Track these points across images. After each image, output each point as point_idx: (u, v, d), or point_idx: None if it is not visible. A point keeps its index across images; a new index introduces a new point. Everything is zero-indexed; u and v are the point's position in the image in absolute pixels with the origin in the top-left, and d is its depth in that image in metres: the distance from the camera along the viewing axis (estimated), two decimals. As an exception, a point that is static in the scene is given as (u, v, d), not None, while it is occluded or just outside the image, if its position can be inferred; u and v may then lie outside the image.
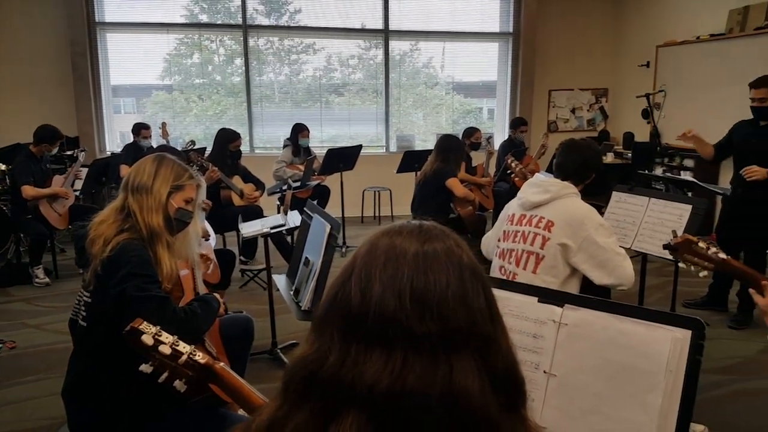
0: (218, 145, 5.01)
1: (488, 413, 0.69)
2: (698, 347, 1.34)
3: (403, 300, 0.70)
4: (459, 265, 0.75)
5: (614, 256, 2.44)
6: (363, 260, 0.76)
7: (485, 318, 0.74)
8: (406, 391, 0.67)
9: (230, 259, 3.76)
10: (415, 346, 0.69)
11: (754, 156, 3.86)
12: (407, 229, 0.79)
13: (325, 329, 0.75)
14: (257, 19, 7.44)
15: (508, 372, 0.74)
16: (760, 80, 3.88)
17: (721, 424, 2.84)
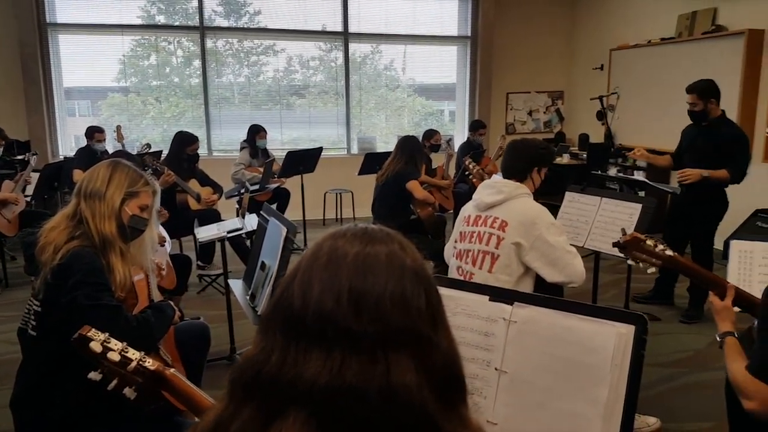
0: (174, 148, 4.93)
1: (426, 409, 0.71)
2: (641, 342, 1.39)
3: (341, 301, 0.72)
4: (400, 268, 0.77)
5: (565, 254, 2.50)
6: (307, 262, 0.78)
7: (425, 319, 0.75)
8: (344, 387, 0.69)
9: (186, 264, 3.71)
10: (353, 345, 0.71)
11: (699, 156, 4.01)
12: (352, 232, 0.81)
13: (269, 330, 0.76)
14: (216, 20, 7.36)
15: (447, 370, 0.76)
16: (690, 86, 4.03)
17: (673, 416, 2.93)
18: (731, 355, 1.67)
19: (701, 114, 4.00)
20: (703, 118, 4.01)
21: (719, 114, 4.02)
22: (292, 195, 6.07)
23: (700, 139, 4.05)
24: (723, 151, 3.93)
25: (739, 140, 3.98)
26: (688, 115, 4.10)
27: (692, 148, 4.10)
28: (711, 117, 3.99)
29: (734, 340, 1.72)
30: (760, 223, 5.20)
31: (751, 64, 5.60)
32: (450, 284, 1.77)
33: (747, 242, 2.46)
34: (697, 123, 4.08)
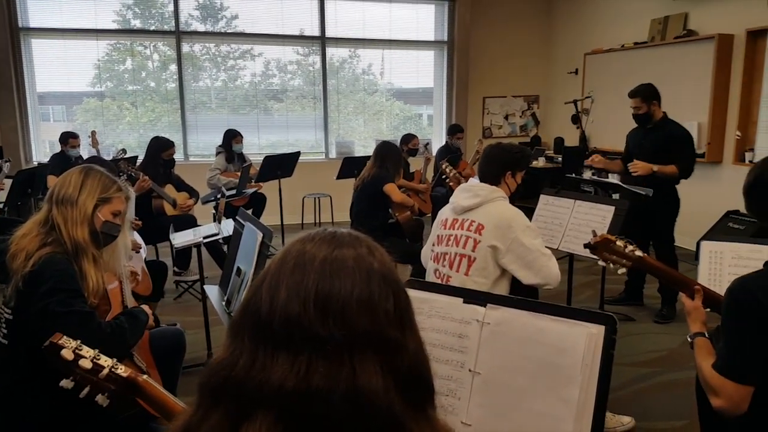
0: (150, 153, 4.89)
1: (392, 411, 0.72)
2: (611, 342, 1.41)
3: (307, 305, 0.73)
4: (368, 272, 0.77)
5: (540, 256, 2.53)
6: (275, 267, 0.79)
7: (392, 322, 0.76)
8: (311, 391, 0.70)
9: (162, 270, 3.68)
10: (320, 349, 0.72)
11: (647, 156, 4.16)
12: (320, 237, 0.82)
13: (237, 334, 0.77)
14: (193, 24, 7.32)
15: (414, 373, 0.77)
16: (633, 91, 4.22)
17: (647, 415, 2.97)
18: (701, 354, 1.70)
19: (645, 117, 4.19)
20: (648, 120, 4.20)
21: (661, 115, 4.21)
22: (269, 200, 6.04)
23: (647, 141, 4.23)
24: (670, 150, 4.10)
25: (685, 138, 4.16)
26: (633, 119, 4.28)
27: (640, 149, 4.26)
28: (655, 119, 4.19)
29: (704, 340, 1.75)
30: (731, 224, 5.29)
31: (721, 68, 5.72)
32: (424, 287, 1.78)
33: (717, 243, 2.50)
34: (642, 126, 4.27)
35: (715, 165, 5.95)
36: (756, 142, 5.54)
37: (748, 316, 1.52)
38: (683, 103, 6.08)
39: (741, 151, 5.67)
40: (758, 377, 1.53)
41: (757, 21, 5.40)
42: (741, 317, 1.54)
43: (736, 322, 1.56)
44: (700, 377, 1.67)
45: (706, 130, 5.90)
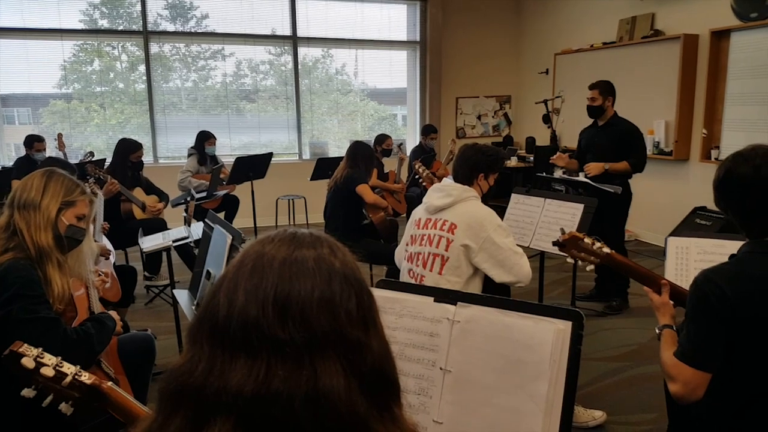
0: (118, 156, 4.81)
1: (356, 413, 0.71)
2: (578, 337, 1.42)
3: (266, 308, 0.72)
4: (329, 272, 0.76)
5: (512, 255, 2.55)
6: (233, 269, 0.78)
7: (355, 322, 0.75)
8: (270, 394, 0.69)
9: (131, 275, 3.62)
10: (279, 352, 0.71)
11: (598, 154, 4.30)
12: (279, 237, 0.80)
13: (196, 340, 0.75)
14: (162, 24, 7.22)
15: (378, 372, 0.76)
16: (593, 83, 4.36)
17: (619, 408, 3.02)
18: (665, 344, 1.74)
19: (599, 109, 4.32)
20: (600, 113, 4.33)
21: (613, 113, 4.34)
22: (242, 202, 5.99)
23: (600, 138, 4.36)
24: (622, 146, 4.24)
25: (635, 134, 4.29)
26: (587, 110, 4.40)
27: (593, 146, 4.40)
28: (607, 115, 4.33)
29: (671, 331, 1.79)
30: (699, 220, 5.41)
31: (687, 68, 5.84)
32: (395, 287, 1.78)
33: (683, 238, 2.55)
34: (594, 122, 4.40)
35: (682, 162, 6.07)
36: (721, 139, 5.66)
37: (711, 305, 1.55)
38: (651, 101, 6.20)
39: (707, 148, 5.79)
40: (716, 365, 1.56)
41: (721, 21, 5.52)
42: (704, 306, 1.57)
43: (698, 311, 1.59)
44: (661, 364, 1.70)
45: (674, 129, 6.01)
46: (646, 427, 2.87)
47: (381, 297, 1.76)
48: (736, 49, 5.44)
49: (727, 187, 1.64)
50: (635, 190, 4.42)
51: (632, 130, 4.29)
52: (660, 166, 6.25)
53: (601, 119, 4.37)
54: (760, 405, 1.58)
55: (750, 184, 1.58)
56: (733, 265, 1.62)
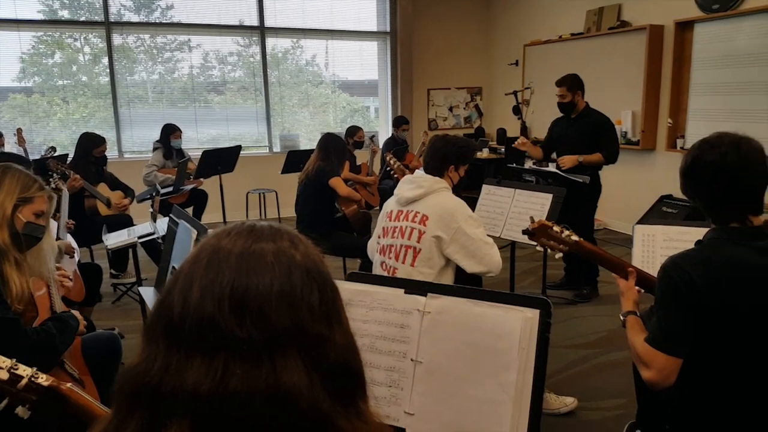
0: (80, 151, 4.69)
1: (319, 409, 0.69)
2: (546, 325, 1.43)
3: (222, 305, 0.69)
4: (289, 266, 0.74)
5: (483, 245, 2.56)
6: (188, 265, 0.75)
7: (317, 317, 0.73)
8: (228, 394, 0.66)
9: (96, 273, 3.52)
10: (236, 350, 0.68)
11: (570, 146, 4.35)
12: (237, 230, 0.77)
13: (152, 338, 0.72)
14: (125, 15, 7.05)
15: (342, 367, 0.74)
16: (560, 80, 4.39)
17: (590, 394, 3.06)
18: (633, 331, 1.75)
19: (569, 105, 4.36)
20: (571, 109, 4.36)
21: (584, 105, 4.38)
22: (211, 196, 5.90)
23: (572, 130, 4.39)
24: (594, 138, 4.29)
25: (607, 126, 4.34)
26: (558, 107, 4.43)
27: (565, 139, 4.44)
28: (578, 108, 4.36)
29: (636, 318, 1.81)
30: (665, 208, 5.52)
31: (652, 58, 5.92)
32: (366, 279, 1.77)
33: (649, 226, 2.59)
34: (567, 115, 4.44)
35: (649, 152, 6.16)
36: (687, 129, 5.75)
37: (679, 291, 1.57)
38: (618, 92, 6.28)
39: (673, 138, 5.89)
40: (687, 350, 1.58)
41: (685, 13, 5.60)
42: (672, 292, 1.59)
43: (667, 297, 1.61)
44: (632, 352, 1.72)
45: (640, 119, 6.10)
46: (616, 412, 2.90)
47: (352, 290, 1.75)
48: (700, 39, 5.54)
49: (695, 174, 1.66)
50: (604, 179, 4.47)
51: (604, 123, 4.33)
52: (627, 155, 6.33)
53: (573, 113, 4.40)
54: (726, 389, 1.60)
55: (717, 170, 1.60)
56: (700, 252, 1.64)
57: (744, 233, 1.61)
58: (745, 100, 5.15)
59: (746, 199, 1.61)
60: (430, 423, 1.50)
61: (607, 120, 4.36)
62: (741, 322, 1.55)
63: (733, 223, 1.62)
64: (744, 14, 5.08)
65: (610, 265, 1.98)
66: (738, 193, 1.60)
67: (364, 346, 1.64)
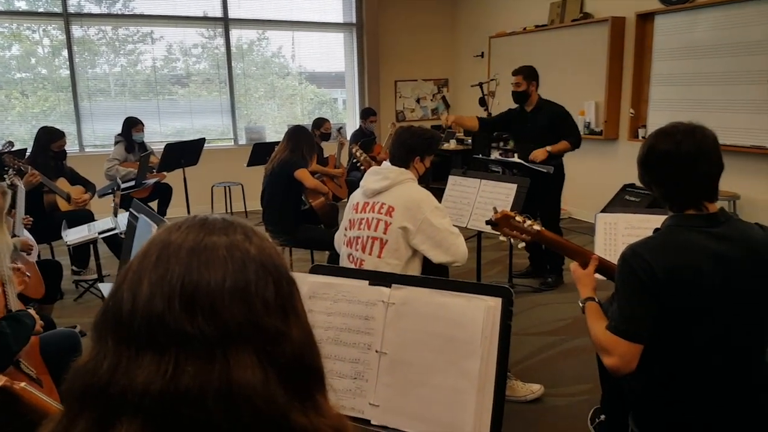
0: (39, 145, 4.57)
1: (274, 404, 0.68)
2: (508, 313, 1.44)
3: (172, 301, 0.67)
4: (242, 260, 0.72)
5: (449, 235, 2.58)
6: (137, 260, 0.72)
7: (272, 311, 0.72)
8: (179, 392, 0.65)
9: (56, 270, 3.44)
10: (188, 347, 0.67)
11: (531, 140, 4.42)
12: (188, 224, 0.75)
13: (101, 335, 0.70)
14: (86, 6, 6.87)
15: (299, 361, 0.73)
16: (517, 69, 4.48)
17: (556, 381, 3.10)
18: (592, 317, 1.78)
19: (523, 94, 4.44)
20: (525, 98, 4.45)
21: (537, 98, 4.47)
22: (175, 190, 5.80)
23: (531, 123, 4.47)
24: (553, 129, 4.37)
25: (565, 114, 4.44)
26: (513, 96, 4.52)
27: (525, 131, 4.53)
28: (532, 100, 4.45)
29: (595, 304, 1.83)
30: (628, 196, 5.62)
31: (614, 50, 6.01)
32: (330, 272, 1.76)
33: (611, 215, 2.63)
34: (521, 106, 4.53)
35: (611, 141, 6.27)
36: (648, 119, 5.87)
37: (639, 278, 1.59)
38: (582, 83, 6.36)
39: (635, 127, 6.00)
40: (647, 336, 1.61)
41: (646, 5, 5.69)
42: (632, 279, 1.61)
43: (627, 285, 1.63)
44: (592, 339, 1.74)
45: (603, 109, 6.20)
46: (581, 397, 2.95)
47: (316, 282, 1.74)
48: (660, 31, 5.64)
49: (651, 163, 1.69)
50: (567, 169, 4.54)
51: (561, 112, 4.42)
52: (591, 145, 6.43)
53: (527, 105, 4.47)
54: (686, 375, 1.64)
55: (672, 159, 1.63)
56: (658, 239, 1.67)
57: (700, 220, 1.64)
58: (704, 90, 5.27)
59: (701, 186, 1.64)
60: (395, 413, 1.51)
61: (563, 109, 4.44)
62: (698, 308, 1.59)
63: (690, 210, 1.66)
64: (703, 6, 5.19)
65: (572, 254, 2.01)
66: (693, 180, 1.63)
67: (328, 338, 1.63)
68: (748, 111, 4.94)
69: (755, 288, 1.61)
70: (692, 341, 1.61)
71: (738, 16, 4.93)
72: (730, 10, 4.98)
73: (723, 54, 5.08)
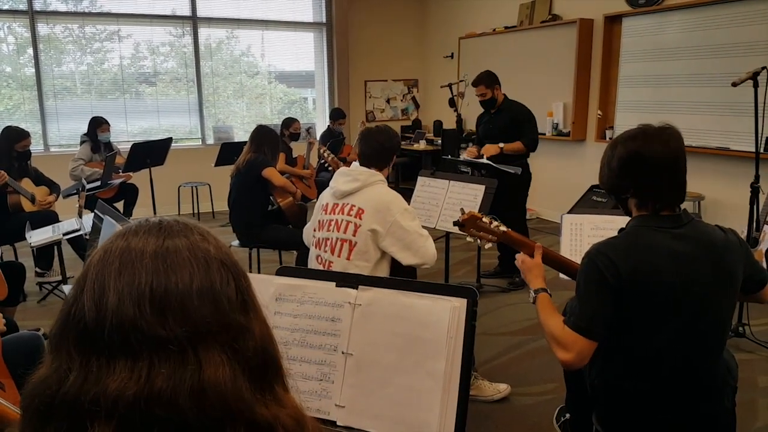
0: (2, 145, 4.46)
1: (242, 399, 0.70)
2: (473, 314, 1.46)
3: (143, 306, 0.68)
4: (205, 259, 0.74)
5: (418, 237, 2.59)
6: (96, 269, 0.72)
7: (235, 307, 0.74)
8: (154, 394, 0.66)
9: (19, 271, 3.37)
10: (161, 350, 0.68)
11: (495, 139, 4.50)
12: (145, 228, 0.75)
13: (61, 347, 0.70)
14: (52, 4, 6.72)
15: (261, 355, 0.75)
16: (476, 79, 4.54)
17: (522, 380, 3.15)
18: (545, 310, 1.80)
19: (491, 101, 4.52)
20: (493, 104, 4.53)
21: (503, 98, 4.55)
22: (142, 190, 5.73)
23: (494, 123, 4.55)
24: (514, 128, 4.46)
25: (526, 116, 4.51)
26: (481, 105, 4.60)
27: (489, 131, 4.60)
28: (498, 102, 4.53)
29: (546, 296, 1.86)
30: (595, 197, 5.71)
31: (582, 51, 6.11)
32: (296, 273, 1.76)
33: (577, 215, 2.68)
34: (488, 109, 4.60)
35: (579, 143, 6.38)
36: (615, 120, 5.98)
37: (602, 276, 1.62)
38: (550, 84, 6.45)
39: (602, 129, 6.11)
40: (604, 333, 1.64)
41: (613, 7, 5.80)
42: (596, 278, 1.64)
43: (590, 283, 1.66)
44: (547, 333, 1.75)
45: (571, 110, 6.30)
46: (547, 396, 3.00)
47: (283, 284, 1.74)
48: (628, 33, 5.74)
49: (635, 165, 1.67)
50: (535, 170, 4.60)
51: (522, 112, 4.49)
52: (558, 146, 6.54)
53: (493, 108, 4.55)
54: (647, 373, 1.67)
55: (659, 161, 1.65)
56: (623, 239, 1.70)
57: (664, 220, 1.67)
58: (671, 92, 5.38)
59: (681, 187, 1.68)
60: (360, 414, 1.52)
61: (525, 110, 4.51)
62: (659, 304, 1.62)
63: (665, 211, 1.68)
64: (670, 9, 5.31)
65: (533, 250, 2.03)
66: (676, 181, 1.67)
67: (294, 340, 1.63)
68: (712, 113, 5.07)
69: (714, 288, 1.65)
70: (653, 340, 1.64)
71: (704, 19, 5.05)
72: (696, 12, 5.10)
73: (689, 56, 5.19)
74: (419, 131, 8.40)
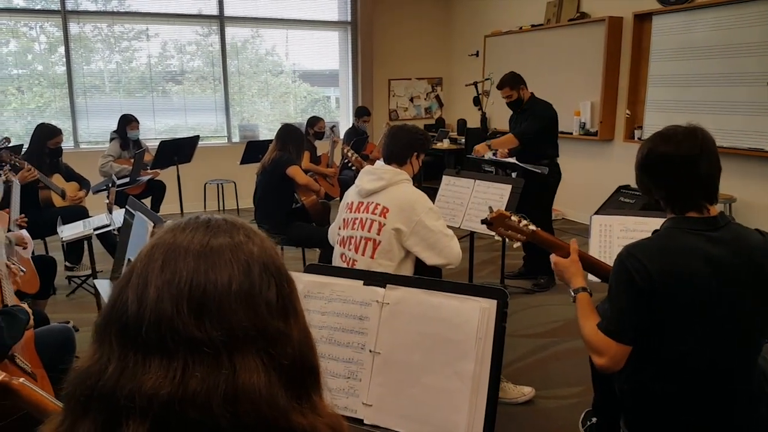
0: (35, 142, 4.58)
1: (276, 406, 0.69)
2: (503, 315, 1.45)
3: (180, 305, 0.68)
4: (246, 261, 0.73)
5: (442, 237, 2.57)
6: (142, 262, 0.72)
7: (274, 312, 0.73)
8: (188, 396, 0.65)
9: (50, 265, 3.44)
10: (196, 352, 0.67)
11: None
12: (193, 225, 0.75)
13: (104, 339, 0.70)
14: (82, 4, 6.84)
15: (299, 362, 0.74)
16: (500, 82, 4.50)
17: (547, 383, 3.11)
18: (584, 312, 1.77)
19: (518, 101, 4.47)
20: (520, 104, 4.48)
21: (530, 96, 4.50)
22: (169, 187, 5.80)
23: (519, 122, 4.50)
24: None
25: (540, 111, 4.44)
26: (508, 107, 4.56)
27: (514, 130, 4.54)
28: (524, 101, 4.48)
29: (586, 295, 1.83)
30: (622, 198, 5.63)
31: (611, 50, 6.02)
32: (325, 271, 1.77)
33: (606, 216, 2.64)
34: (516, 110, 4.56)
35: (607, 142, 6.29)
36: (644, 120, 5.88)
37: (633, 280, 1.59)
38: (577, 83, 6.38)
39: (631, 129, 6.01)
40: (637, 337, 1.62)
41: (643, 5, 5.71)
42: (627, 280, 1.61)
43: (621, 286, 1.63)
44: (583, 335, 1.73)
45: (599, 110, 6.21)
46: (573, 400, 2.96)
47: (310, 282, 1.75)
48: (658, 31, 5.64)
49: (652, 165, 1.68)
50: (563, 170, 4.54)
51: (538, 109, 4.42)
52: (586, 146, 6.46)
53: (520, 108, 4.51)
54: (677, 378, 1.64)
55: (673, 160, 1.63)
56: (655, 241, 1.67)
57: (699, 223, 1.64)
58: (702, 92, 5.27)
59: (702, 187, 1.64)
60: (387, 413, 1.51)
61: (543, 107, 4.44)
62: (691, 308, 1.59)
63: (691, 213, 1.65)
64: (701, 7, 5.20)
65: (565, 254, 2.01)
66: (694, 181, 1.63)
67: (322, 338, 1.64)
68: (745, 113, 4.95)
69: (750, 293, 1.61)
70: (685, 344, 1.61)
71: (736, 17, 4.93)
72: (728, 10, 4.98)
73: (721, 55, 5.07)
74: (443, 130, 8.37)
